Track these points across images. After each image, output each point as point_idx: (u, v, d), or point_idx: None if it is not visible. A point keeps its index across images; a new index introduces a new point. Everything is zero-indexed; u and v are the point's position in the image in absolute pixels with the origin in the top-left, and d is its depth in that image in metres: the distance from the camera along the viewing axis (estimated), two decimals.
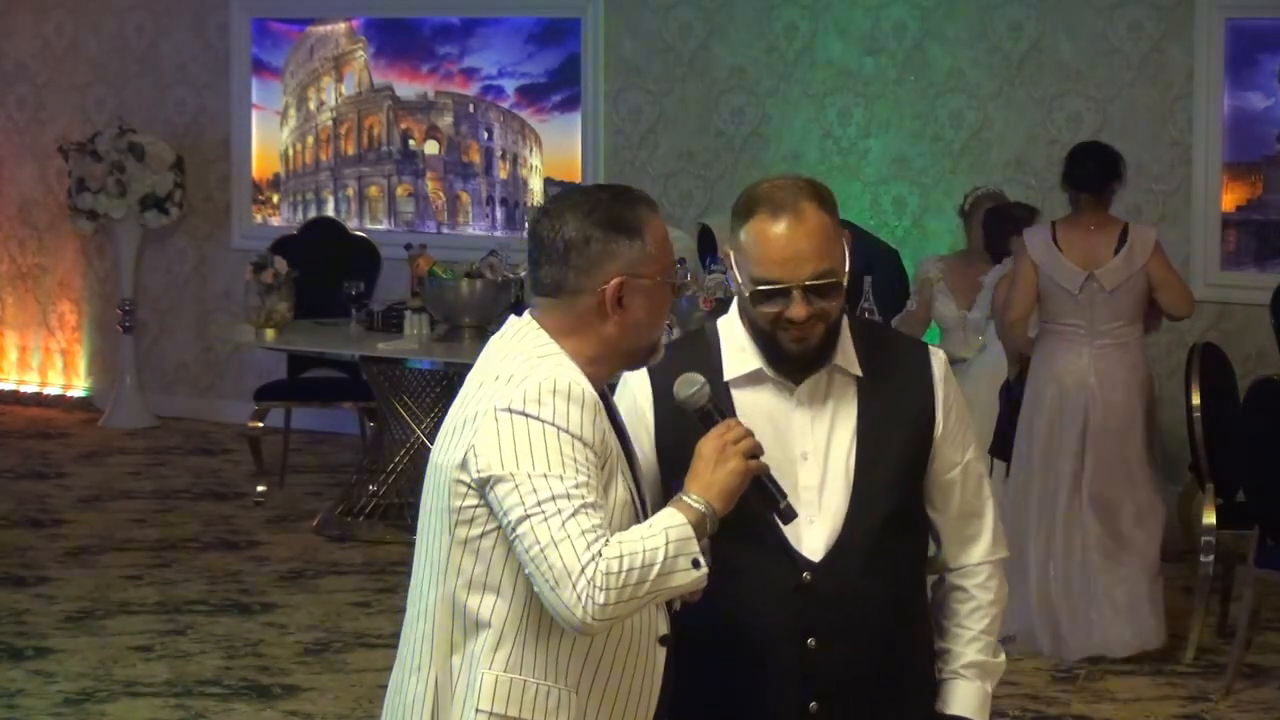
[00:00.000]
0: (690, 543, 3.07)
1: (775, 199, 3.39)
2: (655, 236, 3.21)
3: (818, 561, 3.44)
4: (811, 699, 3.45)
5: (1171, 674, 6.94)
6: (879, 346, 3.54)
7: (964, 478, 3.56)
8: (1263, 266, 8.97)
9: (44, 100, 11.82)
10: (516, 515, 3.04)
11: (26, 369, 12.02)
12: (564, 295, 3.20)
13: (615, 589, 3.00)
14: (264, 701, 6.56)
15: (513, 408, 3.09)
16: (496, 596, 3.15)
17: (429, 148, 10.91)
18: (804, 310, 3.38)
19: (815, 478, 3.46)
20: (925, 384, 3.52)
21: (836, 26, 9.85)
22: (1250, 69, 8.96)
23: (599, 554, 3.00)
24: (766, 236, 3.38)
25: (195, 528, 8.94)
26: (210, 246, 11.48)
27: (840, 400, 3.48)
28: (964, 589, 3.59)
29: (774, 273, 3.38)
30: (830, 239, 3.39)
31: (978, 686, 3.58)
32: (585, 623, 3.01)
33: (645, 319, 3.21)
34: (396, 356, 8.65)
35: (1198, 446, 7.05)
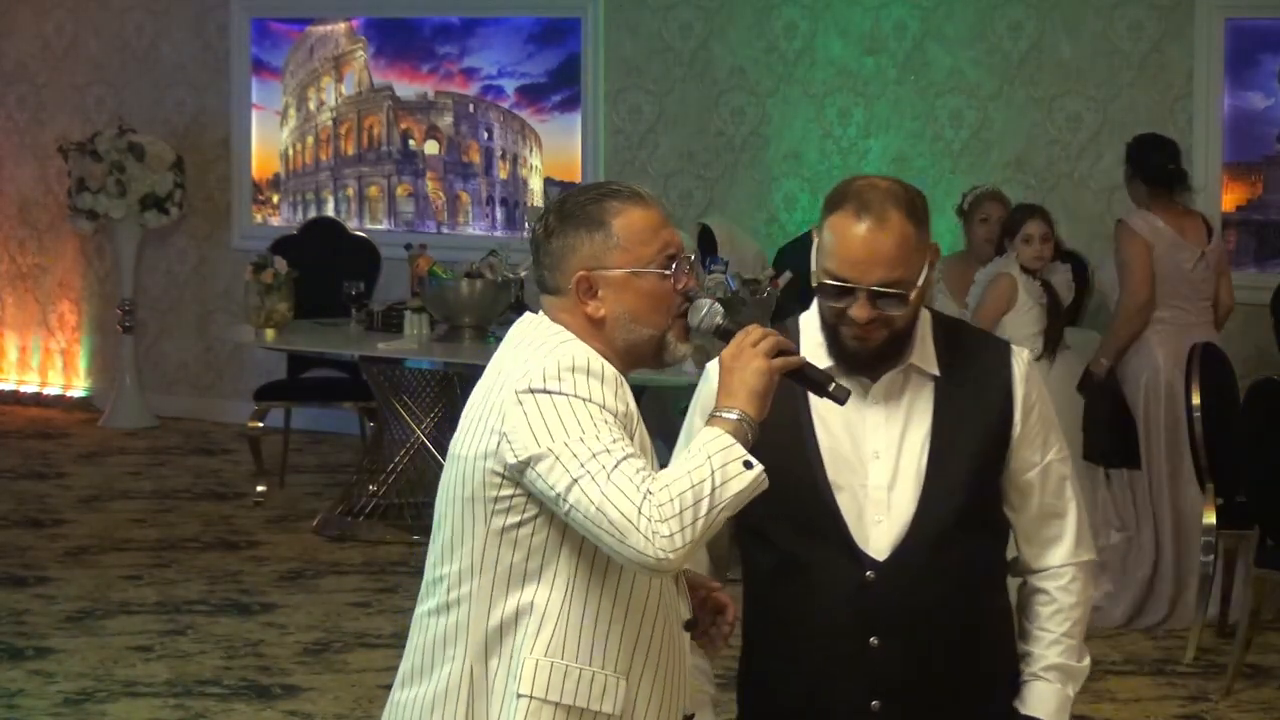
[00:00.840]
0: (733, 449, 3.05)
1: (864, 198, 3.38)
2: (628, 227, 3.19)
3: (882, 561, 3.42)
4: (874, 698, 3.44)
5: (1171, 674, 6.94)
6: (959, 345, 3.52)
7: (1043, 479, 3.52)
8: (1263, 266, 8.97)
9: (44, 100, 11.82)
10: (564, 485, 3.03)
11: (26, 369, 12.02)
12: (548, 293, 3.23)
13: (675, 516, 2.98)
14: (264, 701, 6.55)
15: (533, 387, 3.09)
16: (537, 583, 3.13)
17: (429, 148, 10.91)
18: (866, 313, 3.37)
19: (885, 477, 3.44)
20: (1004, 383, 3.49)
21: (836, 26, 9.85)
22: (1250, 69, 8.96)
23: (650, 491, 2.99)
24: (845, 234, 3.37)
25: (195, 528, 8.94)
26: (210, 246, 11.48)
27: (916, 400, 3.46)
28: (1046, 591, 3.55)
29: (844, 271, 3.37)
30: (908, 249, 3.38)
31: (1057, 689, 3.55)
32: (661, 559, 2.99)
33: (626, 313, 3.19)
34: (396, 356, 8.65)
35: (1198, 446, 7.04)
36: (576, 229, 3.19)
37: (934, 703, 3.47)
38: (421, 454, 8.80)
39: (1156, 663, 7.05)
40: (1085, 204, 9.34)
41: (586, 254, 3.18)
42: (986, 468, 3.48)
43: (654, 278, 3.20)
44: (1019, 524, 3.55)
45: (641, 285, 3.19)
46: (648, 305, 3.20)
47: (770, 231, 9.91)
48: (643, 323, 3.21)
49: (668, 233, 3.24)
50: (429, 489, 8.75)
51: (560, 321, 3.21)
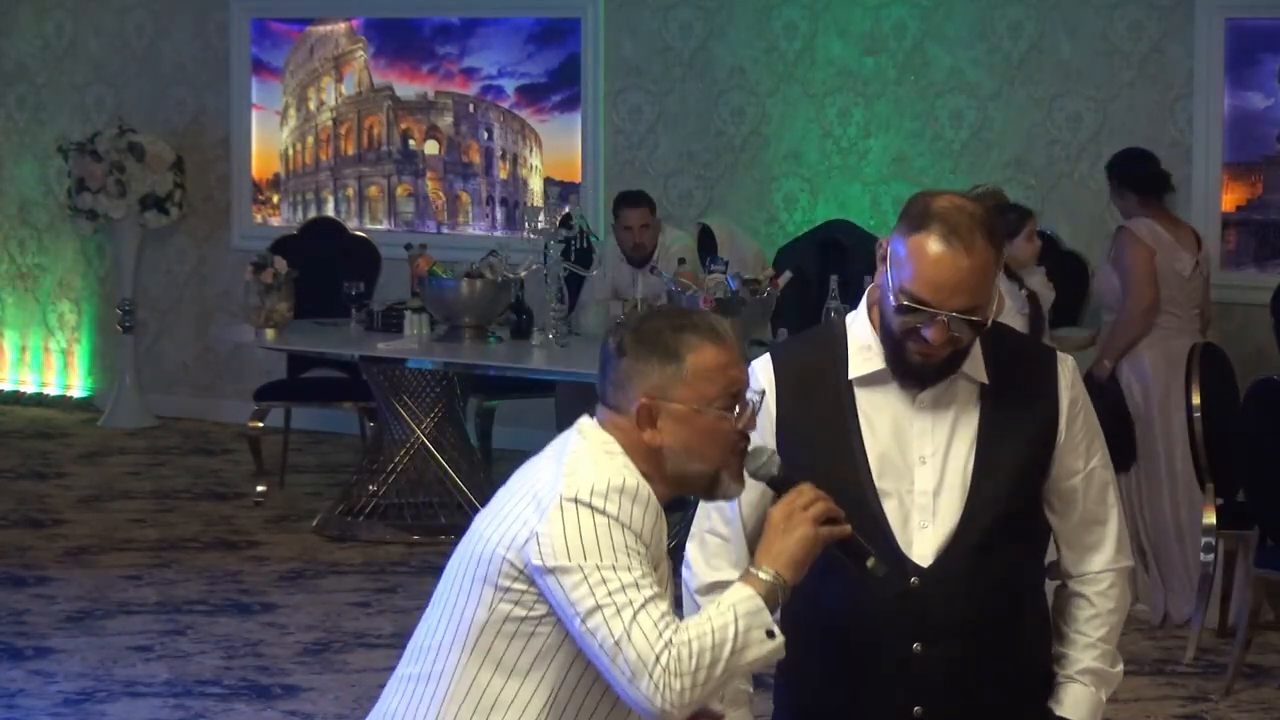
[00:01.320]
0: (761, 614, 3.07)
1: (952, 222, 3.35)
2: (699, 363, 3.16)
3: (926, 567, 3.42)
4: (916, 703, 3.45)
5: (1171, 674, 6.94)
6: (1007, 353, 3.52)
7: (1086, 485, 3.52)
8: (1263, 266, 8.97)
9: (44, 100, 11.82)
10: (587, 607, 3.04)
11: (26, 369, 12.02)
12: (607, 408, 3.23)
13: (690, 673, 3.01)
14: (264, 701, 6.55)
15: (580, 498, 3.08)
16: (523, 681, 3.14)
17: (429, 148, 10.91)
18: (942, 336, 3.36)
19: (931, 483, 3.44)
20: (1050, 391, 3.50)
21: (836, 26, 9.85)
22: (1250, 69, 8.96)
23: (670, 641, 3.01)
24: (930, 257, 3.34)
25: (195, 528, 8.94)
26: (210, 246, 11.48)
27: (963, 406, 3.46)
28: (1084, 596, 3.56)
29: (926, 293, 3.35)
30: (990, 276, 3.37)
31: (1091, 693, 3.57)
32: (665, 711, 3.02)
33: (682, 447, 3.18)
34: (396, 356, 8.65)
35: (1198, 446, 7.04)
36: (649, 356, 3.18)
37: (976, 709, 3.48)
38: (421, 454, 8.80)
39: (1156, 663, 7.05)
40: (1085, 204, 9.33)
41: (654, 383, 3.17)
42: (1031, 474, 3.48)
43: (715, 417, 3.18)
44: (1060, 529, 3.56)
45: (702, 423, 3.18)
46: (705, 442, 3.19)
47: (770, 231, 9.91)
48: (697, 458, 3.19)
49: (736, 371, 3.21)
50: (429, 489, 8.86)
51: (612, 435, 3.19)
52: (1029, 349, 3.62)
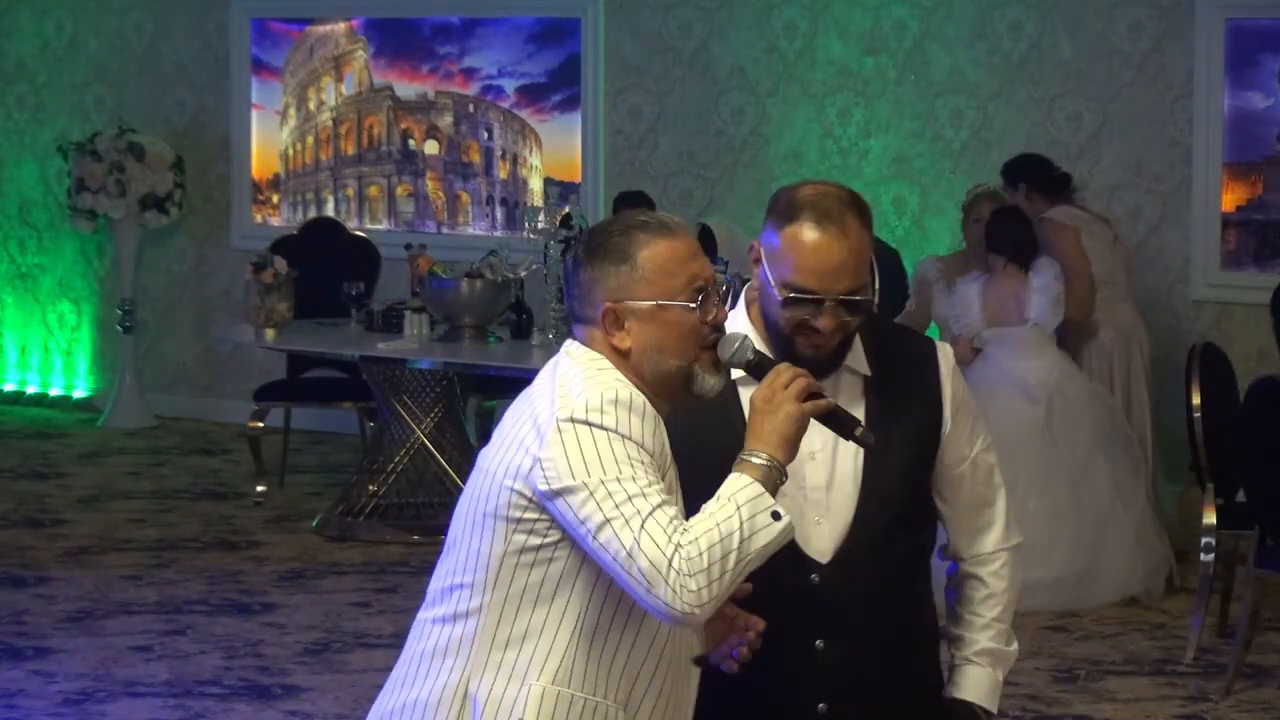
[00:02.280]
0: (762, 499, 3.07)
1: (821, 208, 3.39)
2: (653, 259, 3.18)
3: (825, 563, 3.44)
4: (821, 700, 3.45)
5: (1171, 674, 6.94)
6: (887, 344, 3.54)
7: (973, 470, 3.56)
8: (1263, 266, 8.97)
9: (44, 100, 11.82)
10: (596, 522, 3.04)
11: (27, 369, 12.02)
12: (578, 325, 3.24)
13: (703, 570, 3.01)
14: (264, 701, 6.55)
15: (575, 417, 3.09)
16: (549, 608, 3.14)
17: (429, 148, 10.91)
18: (833, 322, 3.37)
19: (823, 478, 3.46)
20: (933, 380, 3.52)
21: (836, 26, 9.85)
22: (1250, 69, 8.96)
23: (680, 544, 3.01)
24: (807, 245, 3.38)
25: (195, 528, 8.94)
26: (210, 246, 11.48)
27: (848, 399, 3.46)
28: (977, 577, 3.59)
29: (809, 282, 3.37)
30: (867, 255, 3.40)
31: (989, 674, 3.59)
32: (687, 613, 3.02)
33: (652, 345, 3.18)
34: (396, 356, 8.65)
35: (1198, 446, 7.05)
36: (603, 261, 3.20)
37: (881, 703, 3.49)
38: (421, 454, 8.80)
39: (1156, 663, 7.05)
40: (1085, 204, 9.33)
41: (613, 286, 3.18)
42: (920, 463, 3.51)
43: (680, 309, 3.19)
44: (950, 514, 3.59)
45: (668, 317, 3.19)
46: (674, 337, 3.19)
47: None
48: (670, 354, 3.20)
49: (696, 264, 3.22)
50: (429, 489, 8.85)
51: (595, 349, 3.21)
52: (909, 340, 3.64)
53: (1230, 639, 7.05)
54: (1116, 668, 7.00)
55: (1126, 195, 9.28)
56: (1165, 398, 8.74)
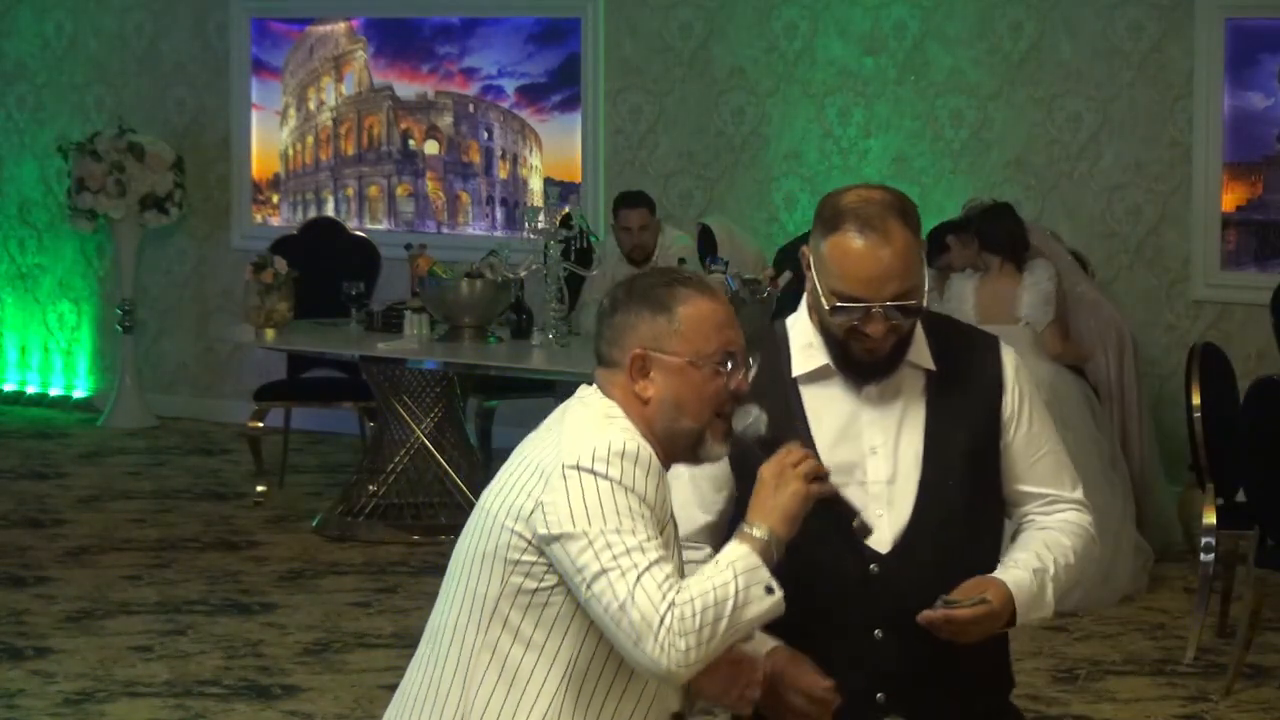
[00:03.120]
0: (759, 571, 3.10)
1: (864, 215, 3.40)
2: (691, 316, 3.20)
3: (885, 554, 3.45)
4: (878, 690, 3.47)
5: (1171, 674, 6.94)
6: (951, 341, 3.56)
7: (1042, 467, 3.56)
8: (1263, 266, 8.97)
9: (44, 100, 11.82)
10: (592, 572, 3.05)
11: (27, 369, 12.02)
12: (602, 367, 3.26)
13: (694, 632, 3.03)
14: (264, 701, 6.55)
15: (581, 465, 3.10)
16: (540, 655, 3.15)
17: (429, 148, 10.91)
18: (882, 328, 3.40)
19: (885, 472, 3.48)
20: (996, 378, 3.54)
21: (836, 26, 9.85)
22: (1250, 69, 8.96)
23: (674, 603, 3.02)
24: (851, 253, 3.39)
25: (195, 528, 8.94)
26: (210, 246, 11.48)
27: (910, 395, 3.50)
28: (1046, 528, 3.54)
29: (856, 290, 3.39)
30: (914, 259, 3.41)
31: (1032, 581, 3.47)
32: (671, 671, 3.04)
33: (672, 400, 3.20)
34: (396, 356, 8.65)
35: (1198, 446, 7.05)
36: (641, 308, 3.22)
37: (937, 694, 3.50)
38: (421, 454, 8.80)
39: (1156, 663, 7.05)
40: (1085, 204, 9.34)
41: (646, 333, 3.20)
42: (983, 457, 3.52)
43: (709, 372, 3.21)
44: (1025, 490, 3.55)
45: (694, 377, 3.21)
46: (695, 398, 3.22)
47: (770, 231, 9.91)
48: (686, 414, 3.22)
49: (732, 331, 3.25)
50: (429, 489, 8.86)
51: (612, 396, 3.23)
52: (973, 337, 3.65)
53: (1230, 639, 7.05)
54: (1116, 668, 7.00)
55: (1126, 195, 9.28)
56: (1165, 398, 8.75)
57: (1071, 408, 7.92)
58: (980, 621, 3.41)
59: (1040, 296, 8.06)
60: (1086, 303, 8.40)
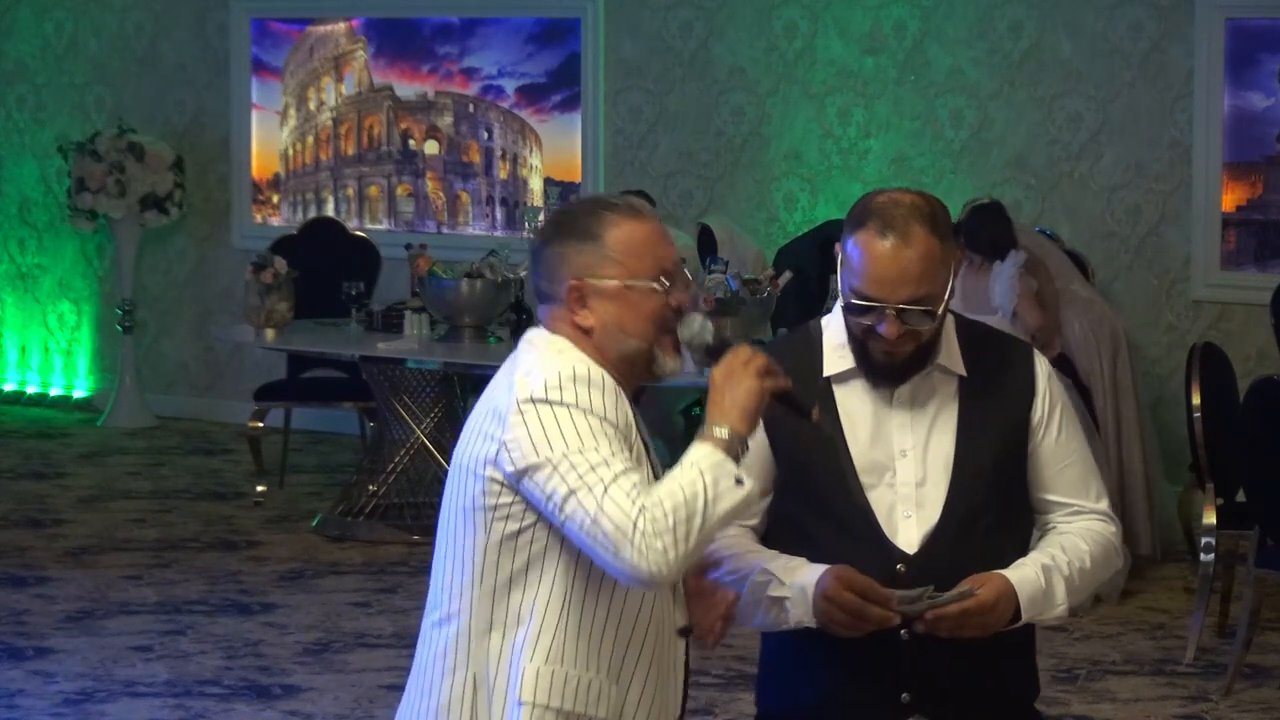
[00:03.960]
0: (725, 464, 3.10)
1: (887, 216, 3.41)
2: (621, 239, 3.22)
3: (912, 554, 3.47)
4: (903, 690, 3.48)
5: (1171, 674, 6.94)
6: (983, 346, 3.58)
7: (1071, 469, 3.58)
8: (1263, 266, 8.97)
9: (44, 100, 11.82)
10: (561, 495, 3.07)
11: (27, 369, 12.02)
12: (544, 303, 3.28)
13: (669, 531, 3.03)
14: (264, 701, 6.55)
15: (534, 397, 3.13)
16: (536, 590, 3.17)
17: (429, 148, 10.91)
18: (895, 330, 3.41)
19: (914, 474, 3.49)
20: (1028, 384, 3.55)
21: (836, 26, 9.85)
22: (1250, 69, 8.96)
23: (644, 506, 3.03)
24: (870, 252, 3.41)
25: (195, 528, 8.94)
26: (210, 246, 11.48)
27: (942, 399, 3.52)
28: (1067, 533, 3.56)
29: (871, 289, 3.41)
30: (934, 264, 3.41)
31: (1038, 576, 3.48)
32: (654, 574, 3.04)
33: (615, 324, 3.22)
34: (396, 356, 8.65)
35: (1198, 446, 7.05)
36: (569, 238, 3.23)
37: (962, 695, 3.51)
38: (421, 454, 8.80)
39: (1156, 663, 7.05)
40: (1085, 204, 9.34)
41: (578, 263, 3.22)
42: (1012, 462, 3.54)
43: (646, 291, 3.23)
44: (1050, 499, 3.57)
45: (633, 298, 3.22)
46: (638, 318, 3.23)
47: (770, 231, 9.91)
48: (631, 334, 3.24)
49: (664, 248, 3.26)
50: (429, 489, 8.86)
51: (558, 331, 3.25)
52: (1005, 343, 3.68)
53: (1230, 639, 7.05)
54: (1116, 668, 7.00)
55: (1126, 195, 9.28)
56: (1165, 398, 8.75)
57: None
58: (971, 615, 3.40)
59: (1005, 282, 8.09)
60: (1079, 302, 8.40)
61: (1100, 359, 8.29)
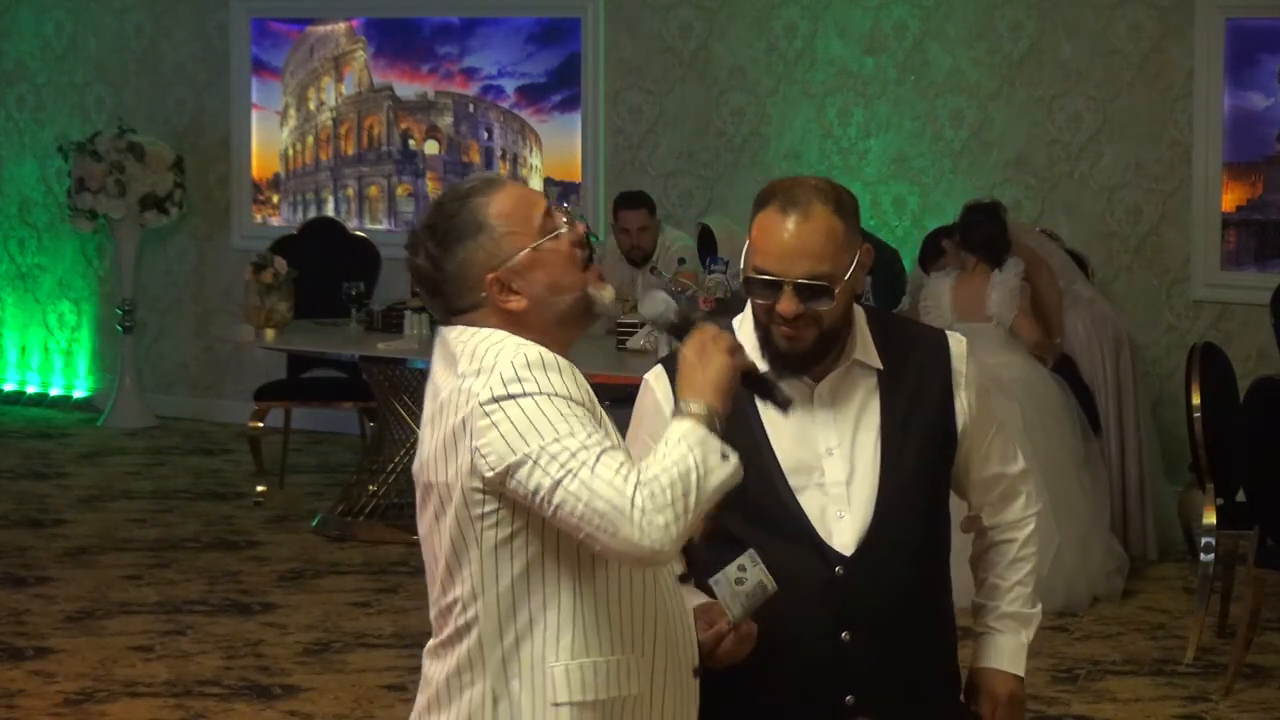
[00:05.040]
0: (710, 439, 3.04)
1: (790, 194, 3.41)
2: (502, 212, 3.16)
3: (849, 555, 3.44)
4: (848, 693, 3.46)
5: (1171, 674, 6.94)
6: (897, 337, 3.56)
7: (993, 448, 3.60)
8: (1263, 266, 8.97)
9: (44, 100, 11.82)
10: (547, 487, 2.99)
11: (27, 369, 12.02)
12: (463, 314, 3.18)
13: (669, 506, 2.96)
14: (264, 701, 6.55)
15: (496, 395, 3.04)
16: (543, 592, 3.10)
17: (429, 148, 10.91)
18: (792, 306, 3.38)
19: (843, 472, 3.47)
20: (944, 370, 3.54)
21: (836, 26, 9.85)
22: (1250, 69, 8.96)
23: (640, 482, 2.97)
24: (770, 228, 3.39)
25: (195, 528, 8.94)
26: (210, 246, 11.48)
27: (863, 394, 3.49)
28: (1005, 542, 3.65)
29: (770, 265, 3.39)
30: (835, 244, 3.39)
31: (1013, 639, 3.63)
32: (656, 550, 2.97)
33: (545, 287, 3.16)
34: (396, 356, 8.65)
35: (1198, 446, 7.05)
36: (460, 242, 3.15)
37: (907, 693, 3.49)
38: None
39: (1156, 663, 7.05)
40: (1085, 204, 9.34)
41: (483, 259, 3.14)
42: (938, 451, 3.53)
43: (550, 242, 3.17)
44: (974, 491, 3.63)
45: (545, 257, 3.16)
46: (559, 270, 3.17)
47: None
48: (564, 288, 3.18)
49: (534, 195, 3.23)
50: None
51: (485, 324, 3.16)
52: (918, 331, 3.68)
53: (1230, 639, 7.05)
54: (1116, 668, 7.00)
55: (1126, 195, 9.28)
56: (1165, 398, 8.75)
57: (1045, 407, 7.93)
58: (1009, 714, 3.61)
59: (1005, 293, 8.08)
60: (1082, 302, 8.41)
61: (1103, 360, 8.30)
